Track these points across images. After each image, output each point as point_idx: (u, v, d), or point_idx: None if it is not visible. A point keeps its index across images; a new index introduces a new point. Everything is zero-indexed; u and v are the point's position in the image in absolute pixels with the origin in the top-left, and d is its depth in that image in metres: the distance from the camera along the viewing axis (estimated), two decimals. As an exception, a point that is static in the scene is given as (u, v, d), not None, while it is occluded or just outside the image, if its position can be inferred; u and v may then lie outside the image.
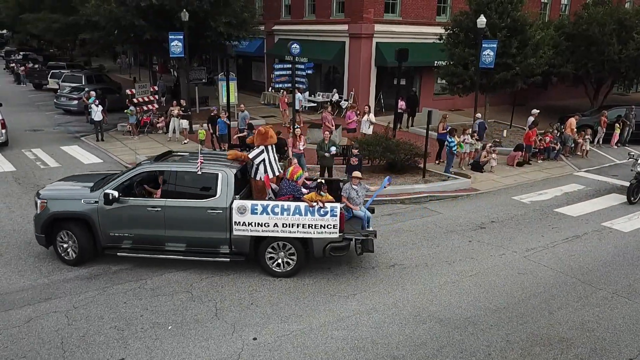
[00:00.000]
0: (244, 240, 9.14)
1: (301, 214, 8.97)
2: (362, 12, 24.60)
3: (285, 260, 9.29)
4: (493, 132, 22.90)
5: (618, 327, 8.07)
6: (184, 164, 9.62)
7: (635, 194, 14.39)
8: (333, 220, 8.96)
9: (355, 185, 10.27)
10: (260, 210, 8.97)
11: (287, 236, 9.06)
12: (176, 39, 20.64)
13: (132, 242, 9.45)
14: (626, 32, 24.26)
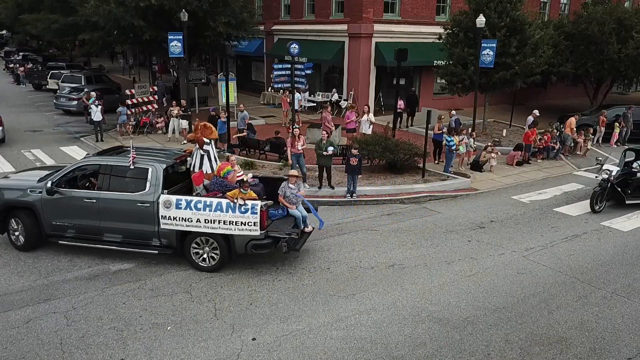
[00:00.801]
0: (170, 233, 9.41)
1: (223, 210, 9.09)
2: (362, 12, 24.59)
3: (209, 255, 9.47)
4: (493, 131, 22.91)
5: (617, 327, 8.07)
6: (119, 159, 9.96)
7: (600, 201, 13.44)
8: (253, 217, 9.06)
9: (292, 185, 10.28)
10: (184, 206, 9.17)
11: (210, 232, 9.23)
12: (175, 39, 20.63)
13: (75, 232, 9.91)
14: (625, 31, 24.25)
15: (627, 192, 13.78)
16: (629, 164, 14.65)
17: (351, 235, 11.60)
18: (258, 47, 32.07)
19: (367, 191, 14.30)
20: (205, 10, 21.69)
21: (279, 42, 30.39)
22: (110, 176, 9.71)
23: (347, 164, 13.99)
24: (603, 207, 13.49)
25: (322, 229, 10.81)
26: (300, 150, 14.21)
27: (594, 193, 13.42)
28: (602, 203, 13.48)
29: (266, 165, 16.47)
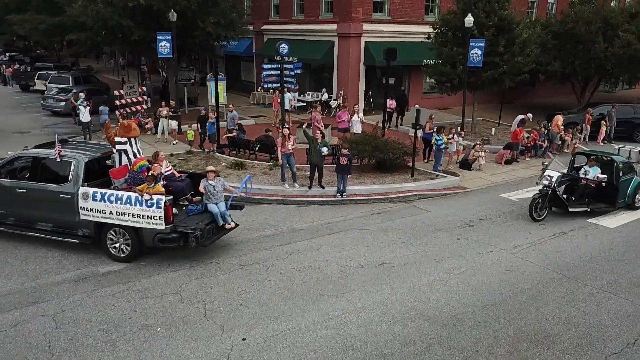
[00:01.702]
0: (89, 224, 9.84)
1: (131, 203, 9.41)
2: (351, 11, 24.64)
3: (123, 247, 9.78)
4: (482, 130, 23.06)
5: (603, 322, 8.18)
6: (49, 152, 10.30)
7: (540, 209, 12.60)
8: (158, 212, 9.30)
9: (211, 180, 10.36)
10: (100, 198, 9.58)
11: (121, 224, 9.57)
12: (164, 40, 20.58)
13: (14, 220, 10.47)
14: (612, 30, 24.51)
15: (571, 200, 13.10)
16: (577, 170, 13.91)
17: (341, 234, 11.64)
18: (247, 47, 32.02)
19: (356, 190, 14.35)
20: (194, 10, 21.64)
21: (269, 42, 30.36)
22: (40, 168, 10.28)
23: (337, 164, 14.04)
24: (544, 215, 12.71)
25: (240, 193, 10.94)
26: (291, 150, 14.23)
27: (533, 200, 12.63)
28: (543, 211, 12.68)
29: (256, 165, 16.47)
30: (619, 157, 13.98)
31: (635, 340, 7.70)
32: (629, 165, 13.91)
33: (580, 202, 13.14)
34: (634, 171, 13.90)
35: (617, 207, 13.33)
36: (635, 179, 13.68)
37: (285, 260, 10.20)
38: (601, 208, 13.21)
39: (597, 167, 13.55)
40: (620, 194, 13.27)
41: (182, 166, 16.02)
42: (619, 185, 13.20)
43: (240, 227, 11.83)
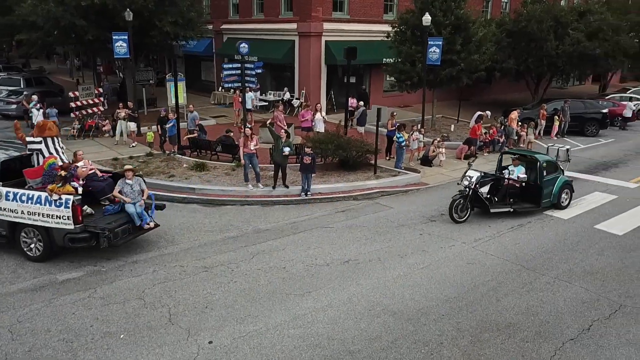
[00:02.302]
0: (2, 224, 9.87)
1: (41, 203, 9.46)
2: (311, 10, 24.67)
3: (36, 246, 9.79)
4: (441, 127, 23.53)
5: (560, 310, 8.50)
6: None
7: (461, 210, 12.29)
8: (66, 211, 9.35)
9: (129, 180, 10.40)
10: (12, 198, 9.64)
11: (32, 223, 9.60)
12: (120, 39, 20.07)
13: None
14: (562, 29, 25.48)
15: (494, 200, 12.80)
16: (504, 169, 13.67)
17: (306, 233, 11.67)
18: (207, 46, 31.61)
19: (321, 189, 14.40)
20: (151, 9, 21.18)
21: (229, 41, 30.06)
22: None
23: (301, 163, 14.05)
24: (466, 217, 12.38)
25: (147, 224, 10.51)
26: (253, 150, 14.14)
27: (454, 201, 12.28)
28: (464, 212, 12.34)
29: (218, 166, 16.29)
30: (543, 156, 13.55)
31: (589, 326, 8.04)
32: (553, 165, 13.60)
33: (504, 203, 12.87)
34: (560, 170, 13.67)
35: (542, 207, 13.02)
36: (561, 178, 13.43)
37: (251, 261, 10.14)
38: (526, 208, 12.95)
39: (522, 166, 13.42)
40: (544, 193, 12.95)
41: (142, 169, 15.70)
42: (543, 184, 12.92)
43: (204, 229, 11.76)
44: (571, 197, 13.66)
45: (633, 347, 7.50)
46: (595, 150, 20.81)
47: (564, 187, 13.44)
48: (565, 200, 13.52)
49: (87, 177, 10.67)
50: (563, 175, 13.62)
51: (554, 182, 13.24)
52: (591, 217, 12.96)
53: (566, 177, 13.69)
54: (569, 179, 13.75)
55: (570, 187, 13.63)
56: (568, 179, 13.68)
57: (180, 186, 14.27)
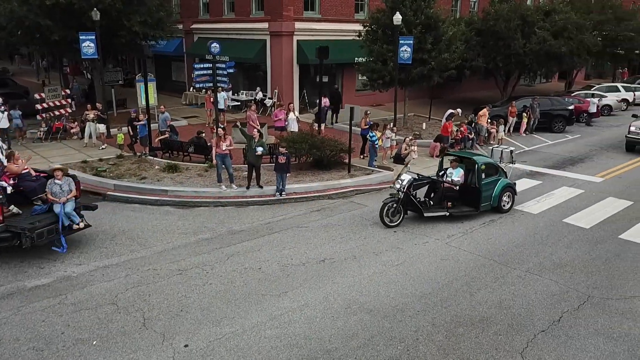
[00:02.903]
0: None
1: None
2: (282, 10, 24.61)
3: None
4: (413, 125, 23.77)
5: (531, 303, 8.70)
6: None
7: (393, 214, 11.85)
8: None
9: (58, 180, 10.39)
10: None
11: None
12: (88, 40, 19.61)
13: None
14: (529, 28, 26.04)
15: (429, 204, 12.49)
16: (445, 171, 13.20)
17: (281, 233, 11.64)
18: (177, 46, 31.21)
19: (295, 189, 14.39)
20: (119, 9, 20.77)
21: (199, 41, 29.75)
22: None
23: (276, 163, 14.01)
24: (399, 221, 11.94)
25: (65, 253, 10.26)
26: (226, 150, 14.03)
27: (384, 205, 11.82)
28: (397, 216, 11.90)
29: (191, 167, 16.10)
30: (482, 158, 13.16)
31: (560, 317, 8.25)
32: (494, 167, 13.15)
33: (441, 206, 12.45)
34: (501, 172, 13.19)
35: (481, 210, 12.58)
36: (502, 180, 12.99)
37: (226, 262, 10.07)
38: (464, 212, 12.51)
39: (461, 169, 12.90)
40: (483, 196, 12.50)
41: (113, 171, 15.42)
42: (482, 187, 12.47)
43: (177, 231, 11.61)
44: (513, 200, 13.19)
45: (601, 337, 7.73)
46: (563, 146, 21.35)
47: (505, 190, 12.96)
48: (506, 204, 13.03)
49: (19, 176, 10.52)
50: (505, 178, 13.18)
51: (494, 184, 12.79)
52: (560, 211, 13.30)
53: (508, 180, 13.23)
54: (511, 182, 13.33)
55: (512, 190, 13.17)
56: (510, 182, 13.26)
57: (153, 188, 14.06)
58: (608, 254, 10.74)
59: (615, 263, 10.31)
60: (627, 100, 31.56)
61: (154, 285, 9.07)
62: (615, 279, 9.62)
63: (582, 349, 7.44)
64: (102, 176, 14.96)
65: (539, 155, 19.57)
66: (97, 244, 10.86)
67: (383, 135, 17.39)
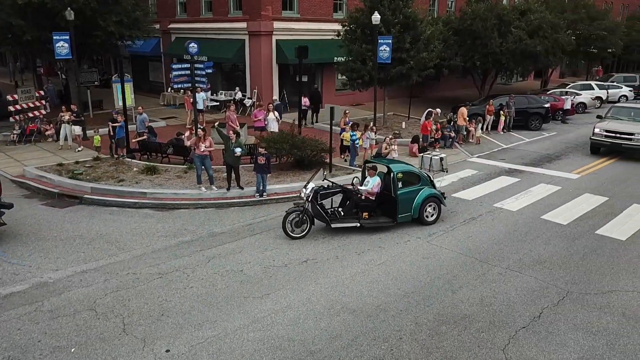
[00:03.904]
0: None
1: None
2: (260, 9, 24.48)
3: None
4: (393, 124, 23.88)
5: (512, 299, 8.79)
6: None
7: (297, 225, 11.15)
8: None
9: None
10: None
11: None
12: (61, 40, 19.22)
13: None
14: (505, 27, 26.39)
15: (339, 214, 11.63)
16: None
17: (263, 234, 11.56)
18: (154, 46, 30.82)
19: (277, 189, 14.31)
20: (94, 8, 20.38)
21: (177, 41, 29.41)
22: None
23: (255, 163, 13.91)
24: (306, 232, 11.23)
25: None
26: (205, 151, 13.87)
27: (287, 215, 11.15)
28: (302, 226, 11.19)
29: (170, 169, 15.89)
30: (400, 166, 12.20)
31: (540, 313, 8.36)
32: (415, 175, 12.17)
33: (355, 216, 11.64)
34: (424, 181, 12.19)
35: (399, 221, 11.73)
36: (425, 190, 12.01)
37: (207, 265, 9.95)
38: (380, 223, 11.71)
39: (379, 177, 12.03)
40: (400, 207, 11.64)
41: (90, 174, 15.13)
42: (399, 197, 11.62)
43: (157, 234, 11.44)
44: (439, 211, 12.25)
45: (580, 332, 7.85)
46: (539, 144, 21.68)
47: (428, 201, 12.01)
48: (430, 215, 12.12)
49: None
50: (430, 188, 12.22)
51: (415, 194, 11.87)
52: (538, 208, 13.49)
53: (434, 189, 12.31)
54: (437, 192, 12.32)
55: (437, 200, 12.19)
56: (435, 191, 12.28)
57: (131, 191, 13.83)
58: (585, 249, 10.93)
59: (593, 258, 10.49)
60: (600, 98, 32.25)
61: (133, 290, 8.91)
62: (592, 274, 9.79)
63: (562, 344, 7.55)
64: (79, 179, 14.66)
65: (516, 153, 19.84)
66: (74, 248, 10.63)
67: (363, 135, 17.43)
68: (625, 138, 18.54)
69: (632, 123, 19.30)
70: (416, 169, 12.80)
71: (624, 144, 18.61)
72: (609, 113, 20.72)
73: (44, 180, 14.88)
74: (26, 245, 10.72)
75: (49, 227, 11.77)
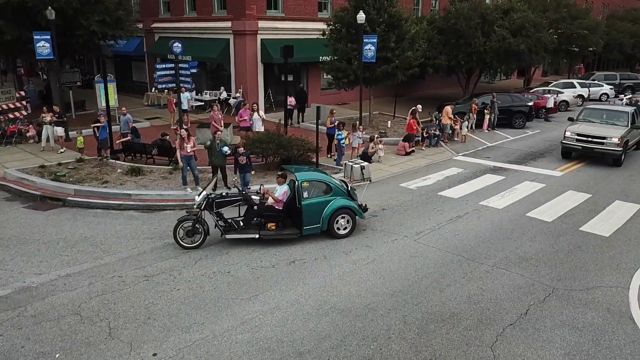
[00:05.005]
0: None
1: None
2: (245, 8, 24.34)
3: None
4: (379, 123, 23.93)
5: (499, 297, 8.85)
6: None
7: (190, 235, 10.53)
8: None
9: None
10: None
11: None
12: (42, 39, 18.89)
13: None
14: (488, 26, 26.62)
15: (238, 224, 10.91)
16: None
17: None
18: (137, 46, 30.49)
19: (262, 189, 14.19)
20: (75, 7, 20.08)
21: (160, 40, 29.14)
22: None
23: (236, 163, 13.85)
24: (200, 242, 10.60)
25: None
26: (190, 152, 13.75)
27: (178, 223, 10.52)
28: (194, 237, 10.56)
29: (155, 170, 15.73)
30: (307, 175, 11.37)
31: (527, 310, 8.43)
32: (325, 185, 11.26)
33: (258, 227, 10.98)
34: (336, 191, 11.27)
35: (306, 233, 10.99)
36: (337, 201, 11.13)
37: (193, 267, 9.86)
38: (283, 235, 10.94)
39: (287, 185, 11.43)
40: (306, 218, 10.87)
41: (73, 176, 14.90)
42: (304, 208, 10.86)
43: (142, 236, 11.31)
44: (354, 224, 11.39)
45: (567, 328, 7.93)
46: (523, 142, 21.90)
47: (340, 212, 11.13)
48: (342, 228, 11.25)
49: None
50: (343, 199, 11.28)
51: (324, 205, 11.03)
52: (523, 205, 13.61)
53: (348, 200, 11.36)
54: (351, 204, 11.35)
55: (350, 212, 11.28)
56: (349, 203, 11.32)
57: (115, 192, 13.66)
58: (570, 246, 11.06)
59: (577, 255, 10.62)
60: (582, 96, 32.69)
61: (119, 293, 8.79)
62: (577, 271, 9.90)
63: (549, 340, 7.62)
64: (62, 181, 14.44)
65: (501, 151, 20.01)
66: (58, 251, 10.46)
67: (350, 135, 17.44)
68: (598, 142, 17.47)
69: (604, 126, 18.16)
70: (328, 178, 11.63)
71: (596, 148, 17.52)
72: (581, 115, 19.47)
73: (25, 182, 14.62)
74: (8, 249, 10.52)
75: (31, 231, 11.57)
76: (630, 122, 18.22)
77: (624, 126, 18.00)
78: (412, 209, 13.28)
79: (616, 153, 17.39)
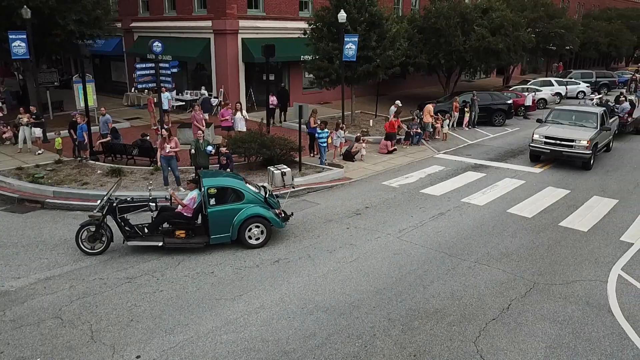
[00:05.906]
0: None
1: None
2: (225, 7, 24.20)
3: None
4: (361, 122, 24.01)
5: (481, 292, 8.96)
6: None
7: (92, 240, 10.14)
8: None
9: None
10: None
11: None
12: (18, 39, 18.52)
13: None
14: (468, 25, 26.91)
15: (142, 231, 10.48)
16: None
17: (233, 235, 11.42)
18: (116, 45, 30.09)
19: (245, 189, 14.11)
20: (52, 6, 19.73)
21: (140, 40, 28.81)
22: None
23: (219, 164, 13.78)
24: (103, 248, 10.21)
25: None
26: (170, 152, 13.62)
27: (81, 228, 10.10)
28: (96, 242, 10.19)
29: (135, 170, 15.55)
30: (214, 181, 10.67)
31: (508, 305, 8.55)
32: (236, 192, 10.60)
33: (166, 234, 10.54)
34: (248, 199, 10.61)
35: (214, 242, 10.43)
36: (248, 209, 10.49)
37: (177, 268, 9.78)
38: (190, 244, 10.41)
39: (198, 191, 10.81)
40: (213, 226, 10.34)
41: (51, 177, 14.66)
42: (209, 215, 10.32)
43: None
44: (269, 233, 10.75)
45: (547, 322, 8.07)
46: (503, 139, 22.19)
47: (252, 221, 10.51)
48: (255, 238, 10.64)
49: None
50: (258, 206, 10.64)
51: (235, 213, 10.42)
52: (504, 202, 13.79)
53: (263, 209, 10.68)
54: (266, 212, 10.68)
55: (265, 221, 10.62)
56: (264, 211, 10.65)
57: (96, 194, 13.43)
58: (550, 241, 11.24)
59: (557, 250, 10.80)
60: (560, 94, 33.23)
61: (101, 296, 8.67)
62: (557, 265, 10.08)
63: (531, 334, 7.74)
64: (40, 183, 14.18)
65: (482, 149, 20.24)
66: (37, 255, 10.27)
67: (333, 134, 17.47)
68: (566, 145, 16.77)
69: (573, 128, 17.51)
70: (239, 184, 10.82)
71: (564, 151, 16.84)
72: (550, 116, 18.96)
73: (2, 185, 14.33)
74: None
75: (9, 234, 11.35)
76: (599, 123, 17.64)
77: (593, 128, 17.42)
78: (394, 207, 13.36)
79: (585, 156, 16.64)
